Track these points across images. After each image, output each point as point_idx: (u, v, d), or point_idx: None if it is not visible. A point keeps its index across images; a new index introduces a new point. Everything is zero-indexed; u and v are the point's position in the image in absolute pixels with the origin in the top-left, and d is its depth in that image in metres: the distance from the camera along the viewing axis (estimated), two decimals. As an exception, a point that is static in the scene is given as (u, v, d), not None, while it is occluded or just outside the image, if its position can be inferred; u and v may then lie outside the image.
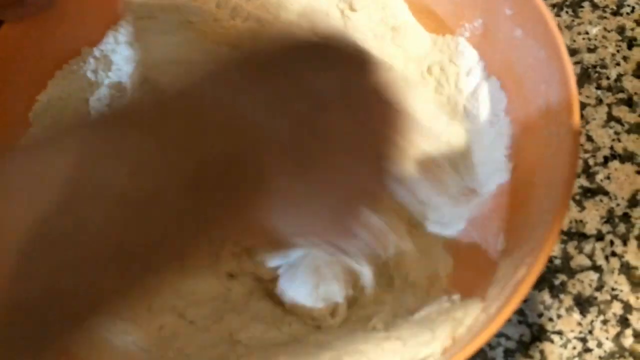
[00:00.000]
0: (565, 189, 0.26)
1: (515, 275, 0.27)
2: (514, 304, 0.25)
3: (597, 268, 0.39)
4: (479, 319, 0.28)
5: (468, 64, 0.38)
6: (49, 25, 0.43)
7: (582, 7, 0.50)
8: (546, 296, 0.38)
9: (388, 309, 0.32)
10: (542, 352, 0.37)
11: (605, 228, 0.40)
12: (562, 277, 0.39)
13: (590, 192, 0.42)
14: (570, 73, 0.29)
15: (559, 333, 0.37)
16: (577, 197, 0.42)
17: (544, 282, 0.39)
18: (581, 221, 0.41)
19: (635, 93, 0.45)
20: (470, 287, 0.32)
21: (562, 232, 0.40)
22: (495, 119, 0.36)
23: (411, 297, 0.32)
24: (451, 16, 0.41)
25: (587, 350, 0.36)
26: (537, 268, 0.25)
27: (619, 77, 0.46)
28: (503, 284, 0.28)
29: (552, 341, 0.37)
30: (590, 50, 0.48)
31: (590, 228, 0.40)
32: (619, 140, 0.44)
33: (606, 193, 0.42)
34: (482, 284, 0.31)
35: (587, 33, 0.48)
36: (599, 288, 0.38)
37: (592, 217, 0.41)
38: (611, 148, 0.43)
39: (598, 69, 0.47)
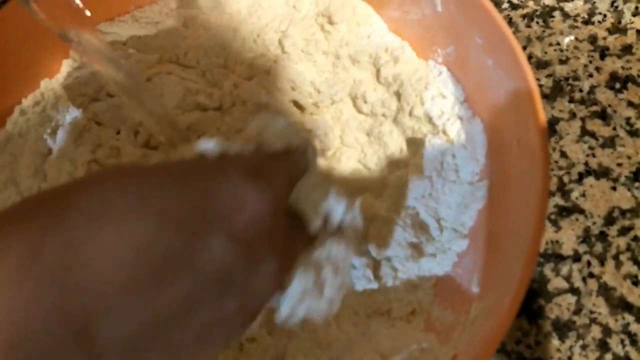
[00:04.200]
0: (535, 233, 0.25)
1: (486, 322, 0.26)
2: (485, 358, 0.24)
3: (574, 290, 0.39)
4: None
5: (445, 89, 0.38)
6: (5, 59, 0.41)
7: (552, 16, 0.49)
8: (524, 322, 0.38)
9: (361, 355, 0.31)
10: (521, 380, 0.36)
11: (582, 248, 0.40)
12: (539, 301, 0.38)
13: (565, 211, 0.41)
14: (539, 109, 0.28)
15: (538, 360, 0.37)
16: (553, 217, 0.41)
17: (521, 307, 0.38)
18: (557, 242, 0.40)
19: (609, 105, 0.45)
20: (445, 329, 0.31)
21: (539, 254, 0.40)
22: (470, 148, 0.35)
23: (385, 339, 0.31)
24: (423, 40, 0.40)
25: (567, 376, 0.36)
26: (508, 320, 0.24)
27: (592, 89, 0.45)
28: (475, 330, 0.27)
29: (531, 367, 0.37)
30: (562, 62, 0.47)
31: (567, 249, 0.40)
32: (594, 156, 0.43)
33: (582, 211, 0.41)
34: (456, 325, 0.30)
35: (558, 44, 0.48)
36: (577, 311, 0.38)
37: (568, 237, 0.40)
38: (586, 164, 0.43)
39: (570, 81, 0.46)
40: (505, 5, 0.50)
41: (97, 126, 0.40)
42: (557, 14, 0.49)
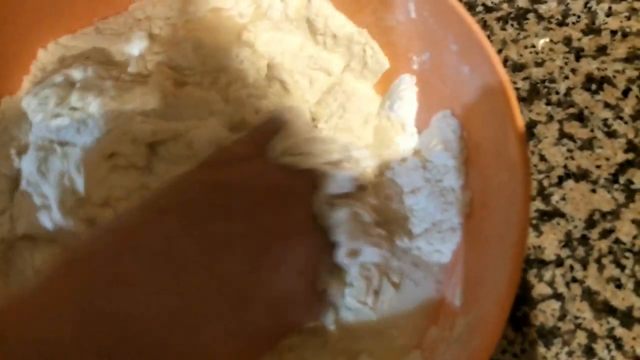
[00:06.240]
0: (518, 248, 0.25)
1: (472, 339, 0.25)
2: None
3: (558, 296, 0.38)
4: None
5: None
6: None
7: (527, 18, 0.49)
8: (509, 330, 0.37)
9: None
10: (508, 390, 0.36)
11: (564, 252, 0.40)
12: (524, 308, 0.38)
13: (546, 215, 0.41)
14: (517, 117, 0.28)
15: (525, 369, 0.36)
16: (534, 222, 0.41)
17: (506, 315, 0.38)
18: (539, 247, 0.40)
19: (586, 107, 0.44)
20: (429, 345, 0.30)
21: (522, 260, 0.39)
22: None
23: (368, 357, 0.30)
24: (398, 47, 0.39)
25: (554, 384, 0.36)
26: (495, 336, 0.24)
27: (569, 91, 0.45)
28: (461, 347, 0.27)
29: (518, 376, 0.36)
30: (538, 65, 0.47)
31: (549, 254, 0.40)
32: (573, 158, 0.43)
33: (563, 215, 0.41)
34: (440, 341, 0.29)
35: (533, 46, 0.47)
36: (562, 317, 0.37)
37: (550, 242, 0.40)
38: (565, 167, 0.42)
39: (547, 83, 0.46)
40: (480, 8, 0.50)
41: (61, 148, 0.38)
42: (531, 16, 0.49)
